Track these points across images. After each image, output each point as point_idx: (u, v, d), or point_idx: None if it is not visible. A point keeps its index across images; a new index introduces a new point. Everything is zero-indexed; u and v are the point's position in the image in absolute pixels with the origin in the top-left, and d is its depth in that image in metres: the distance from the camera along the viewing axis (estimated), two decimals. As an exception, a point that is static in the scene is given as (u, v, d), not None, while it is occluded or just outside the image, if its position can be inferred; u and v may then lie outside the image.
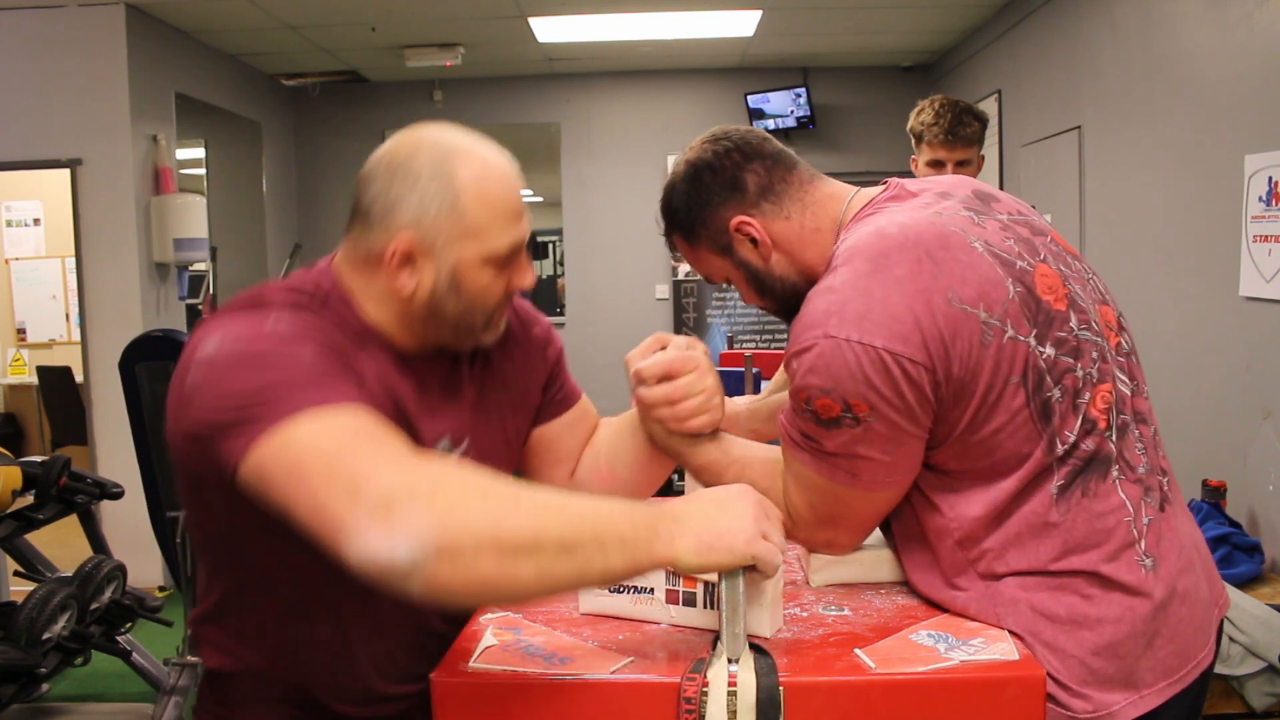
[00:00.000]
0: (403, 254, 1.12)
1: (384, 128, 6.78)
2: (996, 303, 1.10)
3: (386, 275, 1.14)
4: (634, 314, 6.75)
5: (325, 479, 0.93)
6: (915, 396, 1.09)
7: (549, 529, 0.93)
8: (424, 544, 0.89)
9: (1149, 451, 1.18)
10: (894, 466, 1.13)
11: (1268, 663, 2.50)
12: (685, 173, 1.28)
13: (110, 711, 3.35)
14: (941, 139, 2.67)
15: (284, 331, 1.07)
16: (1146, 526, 1.12)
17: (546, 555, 0.92)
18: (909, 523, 1.20)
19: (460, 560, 0.90)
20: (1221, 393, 3.26)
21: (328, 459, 0.94)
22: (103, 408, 4.61)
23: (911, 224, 1.15)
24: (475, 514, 0.92)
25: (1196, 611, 1.15)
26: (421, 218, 1.11)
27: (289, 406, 0.97)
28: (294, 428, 0.96)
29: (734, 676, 0.97)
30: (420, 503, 0.91)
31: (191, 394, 1.04)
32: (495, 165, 1.15)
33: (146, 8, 4.74)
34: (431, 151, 1.13)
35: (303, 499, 0.94)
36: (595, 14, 5.23)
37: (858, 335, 1.08)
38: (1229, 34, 3.20)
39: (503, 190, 1.15)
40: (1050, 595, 1.09)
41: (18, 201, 6.89)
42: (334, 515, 0.92)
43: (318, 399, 0.99)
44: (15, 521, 2.92)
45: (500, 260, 1.15)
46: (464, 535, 0.90)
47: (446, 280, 1.13)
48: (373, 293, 1.16)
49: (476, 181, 1.12)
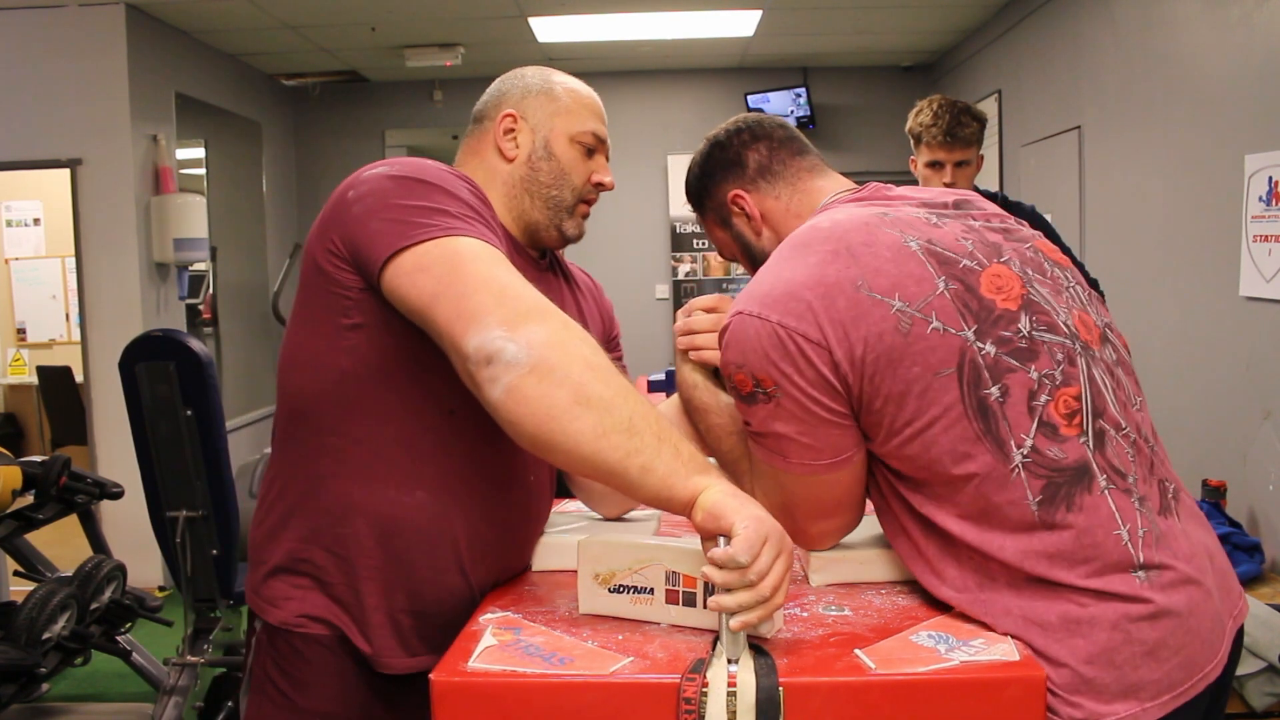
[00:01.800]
0: (507, 125, 1.37)
1: (384, 128, 6.80)
2: (915, 295, 1.10)
3: (493, 153, 1.38)
4: (634, 314, 6.73)
5: (481, 282, 1.09)
6: (813, 375, 1.11)
7: (626, 404, 1.06)
8: (530, 353, 1.04)
9: (1140, 459, 1.15)
10: (817, 450, 1.14)
11: (1268, 663, 2.50)
12: (704, 149, 1.40)
13: (110, 711, 3.35)
14: (940, 140, 2.67)
15: (450, 172, 1.25)
16: (1143, 537, 1.09)
17: (612, 420, 1.04)
18: (894, 526, 1.19)
19: (546, 380, 1.04)
20: (1221, 393, 3.26)
21: (488, 269, 1.11)
22: (103, 408, 4.61)
23: (844, 220, 1.19)
24: (578, 359, 1.06)
25: (1204, 623, 1.11)
26: (524, 98, 1.39)
27: (454, 226, 1.14)
28: (459, 240, 1.13)
29: (734, 677, 0.97)
30: (546, 328, 1.07)
31: (354, 200, 1.18)
32: (580, 83, 1.43)
33: (146, 8, 4.74)
34: (535, 68, 1.43)
35: (453, 290, 1.09)
36: (595, 14, 5.22)
37: (758, 310, 1.13)
38: (1229, 34, 3.20)
39: (589, 95, 1.42)
40: (1043, 603, 1.07)
41: (18, 201, 6.89)
42: (478, 307, 1.07)
43: (477, 233, 1.16)
44: (15, 521, 2.92)
45: (584, 145, 1.39)
46: (560, 365, 1.05)
47: (542, 146, 1.37)
48: (481, 175, 1.37)
49: (567, 81, 1.42)
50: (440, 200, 1.17)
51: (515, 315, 1.06)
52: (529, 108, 1.38)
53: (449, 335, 1.09)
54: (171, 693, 2.94)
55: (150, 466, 2.89)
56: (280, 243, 6.35)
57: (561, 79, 1.41)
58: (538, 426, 1.05)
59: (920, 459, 1.11)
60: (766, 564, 1.00)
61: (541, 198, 1.37)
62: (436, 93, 6.64)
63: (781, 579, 1.02)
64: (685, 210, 7.47)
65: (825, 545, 1.26)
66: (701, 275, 6.71)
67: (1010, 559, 1.08)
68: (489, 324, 1.06)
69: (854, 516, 1.24)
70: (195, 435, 2.81)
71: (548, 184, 1.37)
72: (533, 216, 1.38)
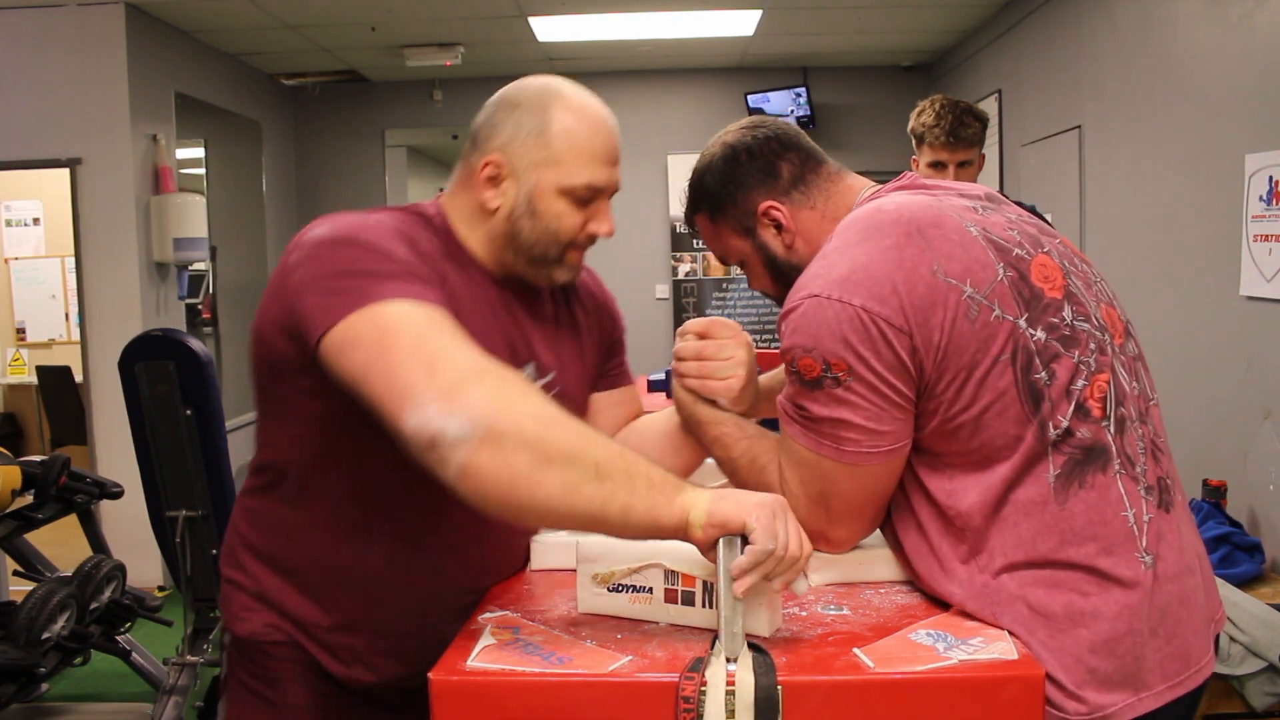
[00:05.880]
0: (489, 172, 1.24)
1: (384, 127, 6.79)
2: (983, 281, 1.12)
3: (476, 191, 1.26)
4: (634, 314, 6.64)
5: (409, 352, 1.02)
6: (892, 359, 1.10)
7: (588, 451, 0.99)
8: (474, 426, 0.97)
9: (1149, 452, 1.18)
10: (877, 435, 1.14)
11: (1268, 662, 2.49)
12: (723, 153, 1.34)
13: (110, 711, 3.35)
14: (943, 140, 2.67)
15: (388, 227, 1.18)
16: (1147, 524, 1.12)
17: (577, 472, 0.98)
18: (906, 517, 1.20)
19: (500, 450, 0.97)
20: (1221, 392, 3.26)
21: (416, 337, 1.04)
22: (102, 407, 4.61)
23: (907, 203, 1.19)
24: (527, 416, 0.99)
25: (1195, 616, 1.14)
26: (511, 141, 1.24)
27: (383, 291, 1.07)
28: (387, 306, 1.06)
29: (732, 676, 0.97)
30: (484, 392, 0.99)
31: (294, 268, 1.14)
32: (590, 109, 1.26)
33: (146, 7, 4.74)
34: (537, 88, 1.26)
35: (381, 365, 1.03)
36: (595, 13, 5.22)
37: (838, 294, 1.11)
38: (1229, 34, 3.19)
39: (592, 133, 1.25)
40: (1047, 592, 1.09)
41: (17, 201, 6.89)
42: (408, 384, 1.00)
43: (406, 292, 1.08)
44: (15, 521, 2.92)
45: (577, 196, 1.25)
46: (510, 429, 0.98)
47: (525, 202, 1.24)
48: (466, 213, 1.28)
49: (567, 117, 1.24)
50: (372, 263, 1.11)
51: (449, 386, 0.99)
52: (516, 153, 1.24)
53: (386, 414, 1.02)
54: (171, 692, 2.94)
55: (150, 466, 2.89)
56: (280, 242, 6.34)
57: (563, 114, 1.24)
58: (503, 498, 0.99)
59: (969, 441, 1.13)
60: (785, 535, 1.02)
61: (524, 255, 1.27)
62: (436, 92, 6.64)
63: (799, 534, 1.04)
64: (685, 210, 7.43)
65: (844, 549, 1.25)
66: (701, 275, 6.71)
67: (1024, 535, 1.11)
68: (423, 401, 0.98)
69: (877, 520, 1.24)
70: (195, 435, 2.81)
71: (530, 243, 1.26)
72: (517, 268, 1.29)
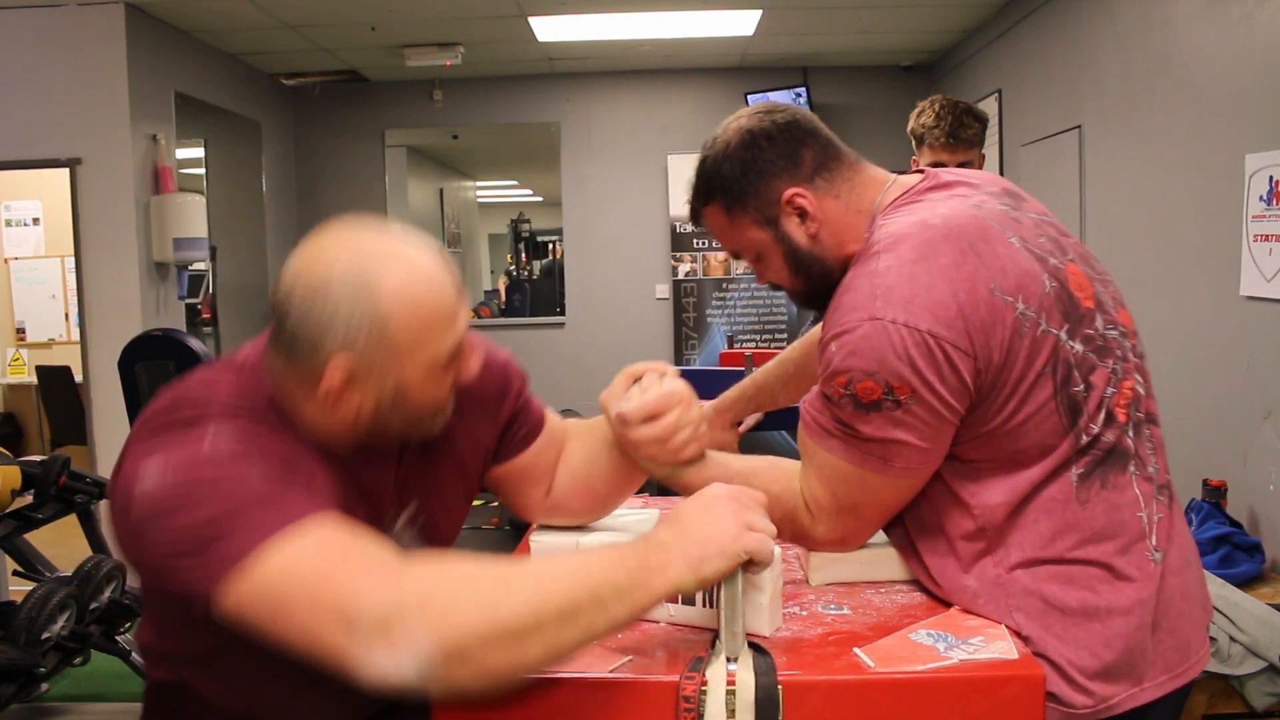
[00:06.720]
0: (344, 376, 1.04)
1: (384, 127, 6.80)
2: (1033, 295, 1.11)
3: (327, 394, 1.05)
4: (634, 314, 6.75)
5: (312, 612, 0.91)
6: (956, 382, 1.09)
7: (546, 604, 0.91)
8: (429, 655, 0.88)
9: (1158, 452, 1.20)
10: (926, 453, 1.14)
11: (1268, 662, 2.49)
12: (741, 139, 1.25)
13: (110, 711, 3.35)
14: (943, 141, 2.67)
15: (224, 451, 1.00)
16: (1157, 522, 1.15)
17: (550, 630, 0.91)
18: (925, 511, 1.20)
19: (469, 660, 0.90)
20: (1221, 392, 3.26)
21: (308, 590, 0.91)
22: (102, 407, 4.61)
23: (954, 216, 1.16)
24: (471, 612, 0.90)
25: (1195, 608, 1.18)
26: (351, 344, 1.03)
27: (250, 538, 0.93)
28: (262, 562, 0.92)
29: (733, 675, 0.97)
30: (413, 615, 0.89)
31: (140, 531, 0.98)
32: (419, 269, 1.05)
33: (146, 7, 4.74)
34: (346, 270, 1.02)
35: (294, 634, 0.92)
36: (595, 13, 5.22)
37: (904, 318, 1.08)
38: (1229, 34, 3.19)
39: (432, 296, 1.05)
40: (1062, 588, 1.11)
41: (17, 201, 6.88)
42: (333, 647, 0.90)
43: (278, 521, 0.94)
44: (14, 521, 2.92)
45: (442, 366, 1.09)
46: (466, 636, 0.89)
47: (390, 399, 1.07)
48: (311, 412, 1.08)
49: (401, 294, 1.03)
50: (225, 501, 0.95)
51: (374, 630, 0.88)
52: (363, 358, 1.03)
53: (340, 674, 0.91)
54: (171, 692, 2.93)
55: (150, 466, 2.88)
56: (280, 242, 6.35)
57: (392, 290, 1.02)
58: (497, 686, 0.95)
59: (1003, 450, 1.13)
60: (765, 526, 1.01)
61: (397, 434, 1.13)
62: (436, 92, 6.64)
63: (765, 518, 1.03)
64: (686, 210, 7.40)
65: (854, 547, 1.25)
66: (701, 275, 6.70)
67: (1043, 533, 1.12)
68: (360, 656, 0.89)
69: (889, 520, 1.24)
70: (195, 435, 2.80)
71: (403, 429, 1.12)
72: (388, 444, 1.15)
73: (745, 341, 6.51)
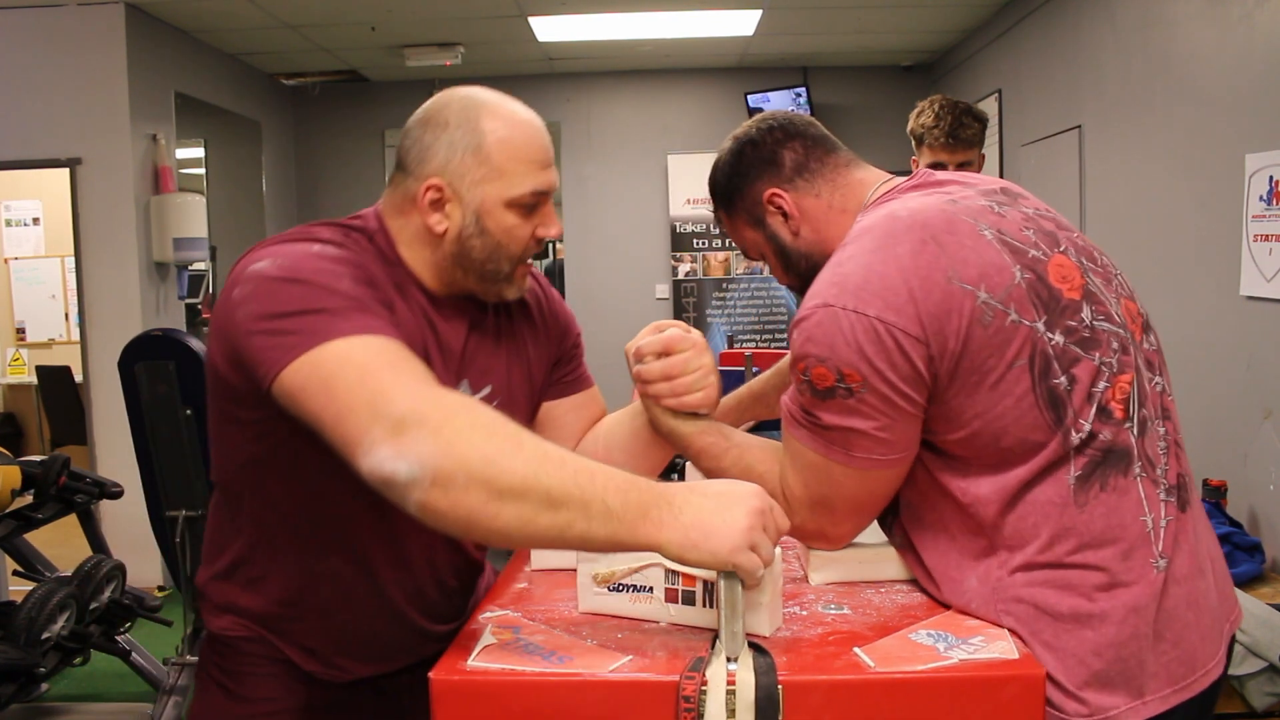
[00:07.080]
0: (432, 196, 1.21)
1: (384, 127, 6.79)
2: (999, 285, 1.11)
3: (420, 217, 1.22)
4: (634, 314, 6.73)
5: (350, 396, 1.01)
6: (908, 370, 1.10)
7: (539, 480, 0.97)
8: (423, 468, 0.96)
9: (1170, 451, 1.17)
10: (889, 445, 1.14)
11: (1268, 662, 2.49)
12: (730, 148, 1.36)
13: (110, 711, 3.35)
14: (943, 142, 2.67)
15: (329, 261, 1.15)
16: (1164, 527, 1.11)
17: (530, 504, 0.97)
18: (923, 510, 1.20)
19: (451, 490, 0.96)
20: (1222, 392, 3.26)
21: (355, 378, 1.02)
22: (102, 407, 4.61)
23: (921, 209, 1.17)
24: (474, 450, 0.97)
25: (1204, 619, 1.13)
26: (449, 162, 1.21)
27: (327, 331, 1.05)
28: (330, 347, 1.04)
29: (733, 675, 0.97)
30: (428, 429, 0.97)
31: (238, 305, 1.11)
32: (520, 116, 1.24)
33: (146, 7, 4.74)
34: (461, 103, 1.23)
35: (329, 412, 1.02)
36: (595, 13, 5.22)
37: (854, 304, 1.10)
38: (1229, 34, 3.19)
39: (526, 138, 1.23)
40: (1056, 593, 1.09)
41: (17, 201, 6.89)
42: (355, 428, 1.00)
43: (352, 327, 1.06)
44: (14, 521, 2.92)
45: (523, 205, 1.23)
46: (458, 468, 0.96)
47: (473, 221, 1.22)
48: (407, 236, 1.25)
49: (500, 128, 1.21)
50: (317, 300, 1.09)
51: (394, 427, 0.98)
52: (456, 174, 1.21)
53: (344, 456, 1.02)
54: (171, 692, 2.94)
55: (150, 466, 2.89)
56: (280, 242, 6.35)
57: (494, 125, 1.21)
58: (463, 531, 1.01)
59: (989, 448, 1.12)
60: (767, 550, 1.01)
61: (475, 272, 1.25)
62: (437, 92, 6.63)
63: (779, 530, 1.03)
64: (685, 210, 7.52)
65: (842, 545, 1.25)
66: (701, 275, 6.71)
67: (1042, 538, 1.10)
68: (372, 445, 0.98)
69: (875, 516, 1.24)
70: (195, 435, 2.81)
71: (481, 260, 1.24)
72: (466, 286, 1.27)
73: (745, 341, 6.51)
